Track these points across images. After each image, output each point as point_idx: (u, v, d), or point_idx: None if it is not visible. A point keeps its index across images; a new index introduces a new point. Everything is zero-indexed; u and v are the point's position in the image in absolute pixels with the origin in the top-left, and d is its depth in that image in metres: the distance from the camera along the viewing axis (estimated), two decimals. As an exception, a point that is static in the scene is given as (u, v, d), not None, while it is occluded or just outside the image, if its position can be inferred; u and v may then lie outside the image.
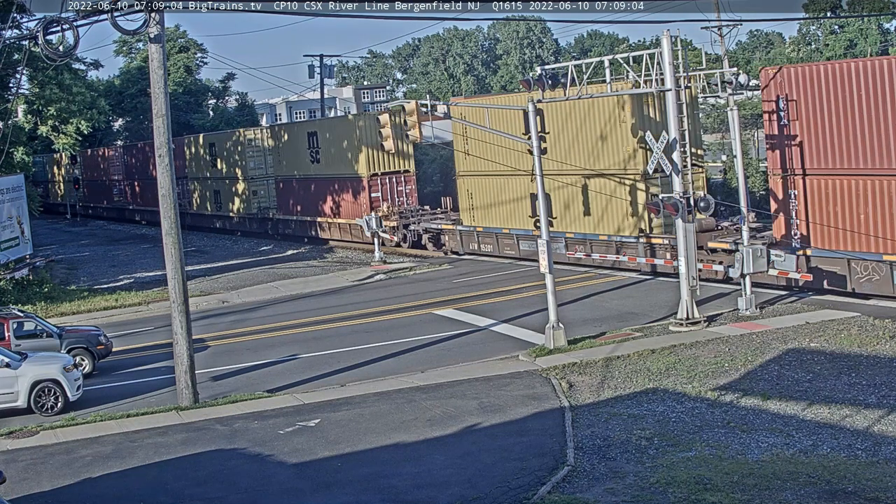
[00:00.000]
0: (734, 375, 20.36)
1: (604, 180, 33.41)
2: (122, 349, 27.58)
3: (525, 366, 22.59)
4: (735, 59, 74.06)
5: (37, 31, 20.69)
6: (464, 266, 38.74)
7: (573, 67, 26.77)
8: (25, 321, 25.30)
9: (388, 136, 27.55)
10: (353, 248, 47.36)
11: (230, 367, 25.03)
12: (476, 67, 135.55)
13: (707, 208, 25.47)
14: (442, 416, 18.92)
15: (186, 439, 18.61)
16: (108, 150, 76.17)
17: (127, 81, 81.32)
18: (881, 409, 17.59)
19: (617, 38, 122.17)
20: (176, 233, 21.34)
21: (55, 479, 16.72)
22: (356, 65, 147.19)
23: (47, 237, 62.67)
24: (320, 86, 71.21)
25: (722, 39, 50.48)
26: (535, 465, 15.81)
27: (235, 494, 15.56)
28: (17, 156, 40.28)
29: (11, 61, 34.03)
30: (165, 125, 21.07)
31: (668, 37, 24.41)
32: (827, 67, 26.71)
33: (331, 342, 27.06)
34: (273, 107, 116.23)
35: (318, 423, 18.99)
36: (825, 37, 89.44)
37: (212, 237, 57.88)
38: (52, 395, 21.53)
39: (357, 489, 15.31)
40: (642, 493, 14.23)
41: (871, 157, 25.37)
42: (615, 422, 17.95)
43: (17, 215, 37.66)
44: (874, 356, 20.88)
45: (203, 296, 35.81)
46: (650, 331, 24.91)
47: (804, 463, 15.17)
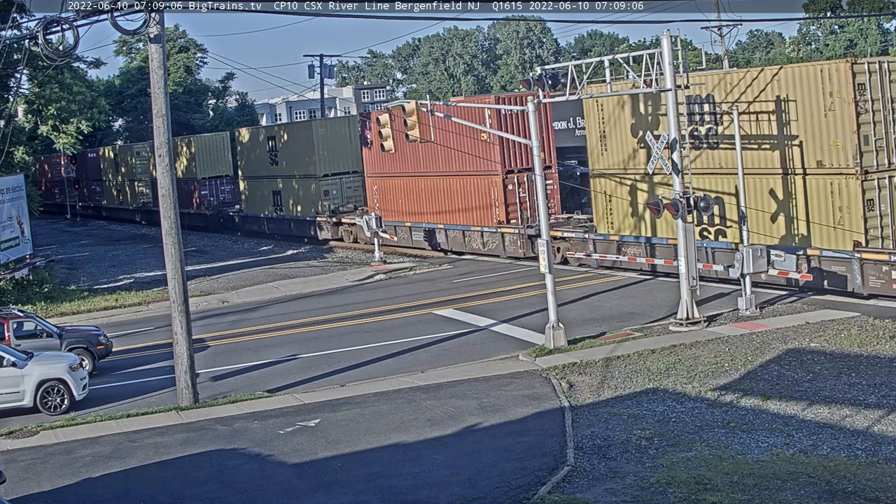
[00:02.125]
0: (734, 375, 20.36)
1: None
2: (122, 349, 27.59)
3: (525, 366, 22.59)
4: (735, 59, 74.17)
5: (37, 31, 20.73)
6: (464, 266, 38.73)
7: (573, 67, 26.76)
8: (25, 321, 25.31)
9: (388, 136, 27.61)
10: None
11: (230, 367, 25.04)
12: (476, 67, 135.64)
13: (707, 208, 25.48)
14: (442, 416, 18.93)
15: (186, 439, 18.61)
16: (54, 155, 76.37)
17: (127, 81, 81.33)
18: (881, 409, 17.59)
19: (617, 38, 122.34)
20: (176, 233, 21.34)
21: (55, 479, 16.72)
22: (356, 65, 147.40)
23: (47, 237, 62.68)
24: (320, 86, 71.22)
25: (722, 39, 50.54)
26: (535, 465, 15.82)
27: (235, 494, 15.56)
28: (18, 156, 40.29)
29: (11, 61, 34.03)
30: (165, 125, 21.07)
31: (668, 37, 24.40)
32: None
33: (331, 342, 27.06)
34: (273, 107, 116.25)
35: (318, 423, 18.99)
36: (825, 37, 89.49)
37: (212, 237, 57.86)
38: (59, 394, 21.54)
39: (357, 489, 15.31)
40: (642, 493, 14.24)
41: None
42: (615, 422, 17.96)
43: (17, 215, 37.66)
44: (874, 356, 20.88)
45: (203, 296, 35.82)
46: (650, 331, 24.91)
47: (804, 463, 15.17)
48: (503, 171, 37.49)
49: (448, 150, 38.85)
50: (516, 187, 37.61)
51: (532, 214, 36.69)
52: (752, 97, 27.60)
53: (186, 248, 27.75)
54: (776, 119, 27.11)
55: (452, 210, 40.06)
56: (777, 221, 27.55)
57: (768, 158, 27.60)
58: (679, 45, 24.96)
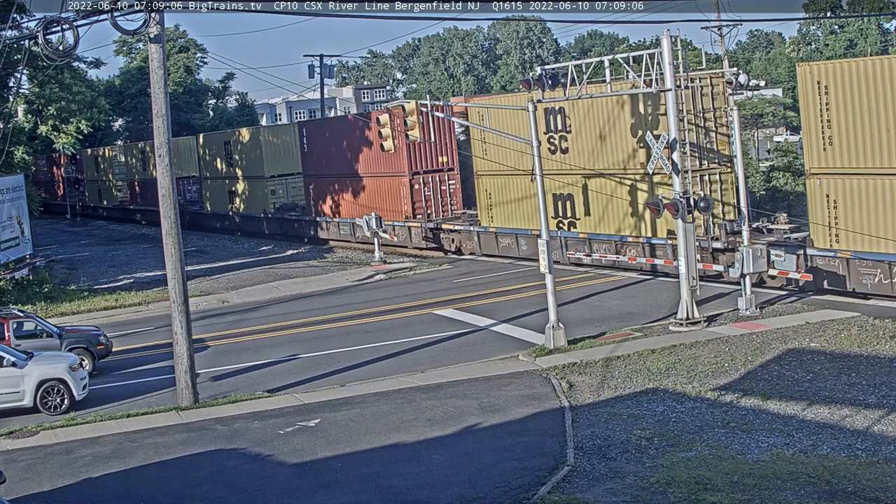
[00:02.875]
0: (734, 375, 20.37)
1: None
2: (122, 349, 27.59)
3: (525, 366, 22.59)
4: (735, 59, 74.11)
5: (37, 31, 20.69)
6: (464, 266, 38.75)
7: (573, 67, 26.78)
8: (25, 321, 25.31)
9: (387, 136, 27.61)
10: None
11: (230, 367, 25.04)
12: (476, 67, 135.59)
13: (707, 208, 25.48)
14: (442, 416, 18.93)
15: (186, 439, 18.61)
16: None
17: (127, 81, 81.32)
18: (881, 409, 17.60)
19: (617, 38, 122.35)
20: (176, 233, 21.34)
21: (55, 479, 16.72)
22: (356, 65, 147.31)
23: (47, 237, 62.68)
24: (320, 86, 71.21)
25: (722, 39, 50.48)
26: (535, 465, 15.82)
27: (235, 494, 15.56)
28: (18, 156, 40.28)
29: (11, 61, 34.02)
30: (165, 125, 21.07)
31: (668, 37, 24.41)
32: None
33: (331, 342, 27.06)
34: (273, 107, 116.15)
35: (318, 423, 19.00)
36: (825, 37, 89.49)
37: (212, 237, 57.91)
38: (59, 394, 21.55)
39: (357, 489, 15.31)
40: (642, 493, 14.24)
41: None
42: (615, 422, 17.96)
43: (17, 215, 37.65)
44: (874, 356, 20.88)
45: (203, 296, 35.82)
46: (650, 331, 24.91)
47: (804, 463, 15.17)
48: (410, 172, 42.81)
49: (368, 153, 45.03)
50: (422, 187, 43.14)
51: (434, 211, 43.09)
52: (584, 115, 33.15)
53: (186, 248, 27.76)
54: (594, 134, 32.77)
55: (371, 207, 44.56)
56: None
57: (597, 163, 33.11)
58: (679, 45, 24.97)
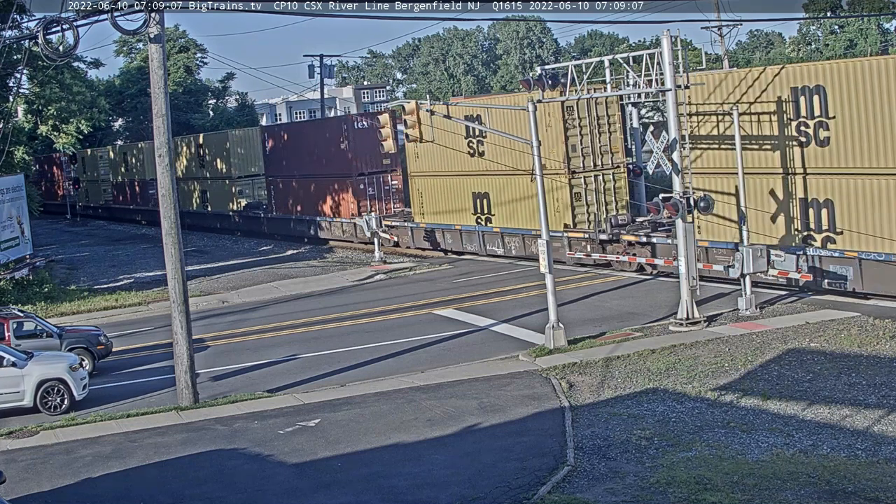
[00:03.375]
0: (734, 375, 20.37)
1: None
2: (122, 349, 27.58)
3: (525, 366, 22.59)
4: (735, 59, 74.16)
5: (37, 31, 20.70)
6: (464, 266, 38.74)
7: (573, 67, 26.78)
8: (25, 321, 25.31)
9: (387, 136, 27.63)
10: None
11: (230, 367, 25.04)
12: (476, 67, 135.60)
13: (707, 208, 25.48)
14: (442, 416, 18.93)
15: (186, 439, 18.61)
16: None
17: (127, 81, 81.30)
18: (881, 409, 17.60)
19: (617, 38, 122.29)
20: (176, 233, 21.34)
21: (55, 479, 16.72)
22: (356, 65, 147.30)
23: (47, 237, 62.67)
24: (320, 86, 71.19)
25: (722, 39, 50.53)
26: (535, 465, 15.82)
27: (235, 494, 15.56)
28: (18, 156, 40.28)
29: (11, 61, 34.03)
30: (165, 125, 21.07)
31: (668, 37, 24.40)
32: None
33: (331, 342, 27.06)
34: (273, 107, 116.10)
35: (318, 423, 19.00)
36: (825, 37, 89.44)
37: (212, 237, 57.91)
38: (59, 394, 21.55)
39: (357, 489, 15.32)
40: (642, 493, 14.24)
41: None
42: (615, 422, 17.96)
43: (17, 215, 37.65)
44: (874, 356, 20.88)
45: (203, 296, 35.81)
46: (650, 331, 24.91)
47: (804, 463, 15.18)
48: (355, 173, 45.98)
49: (318, 156, 48.25)
50: (366, 186, 46.32)
51: (377, 209, 45.83)
52: (496, 122, 35.25)
53: (186, 248, 27.75)
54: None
55: (324, 205, 48.31)
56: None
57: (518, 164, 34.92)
58: (679, 45, 24.97)
